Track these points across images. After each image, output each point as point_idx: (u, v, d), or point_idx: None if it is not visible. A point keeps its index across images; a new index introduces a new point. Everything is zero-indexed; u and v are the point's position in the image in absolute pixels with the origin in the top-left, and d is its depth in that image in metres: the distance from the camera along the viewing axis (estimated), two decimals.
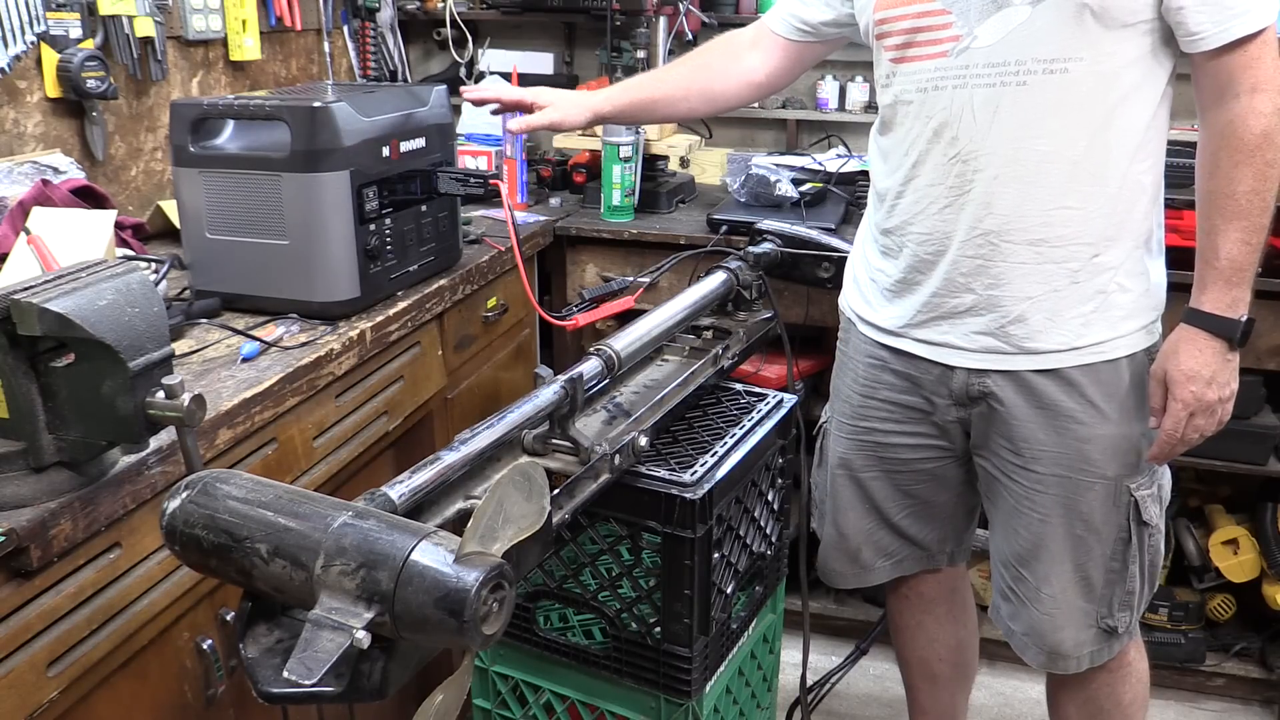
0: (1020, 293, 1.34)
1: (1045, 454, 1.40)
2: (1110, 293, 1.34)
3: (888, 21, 1.37)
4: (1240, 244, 1.27)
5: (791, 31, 1.60)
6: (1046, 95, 1.27)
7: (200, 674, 1.22)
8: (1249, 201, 1.25)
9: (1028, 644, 1.50)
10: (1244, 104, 1.24)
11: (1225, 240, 1.27)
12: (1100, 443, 1.38)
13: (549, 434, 1.16)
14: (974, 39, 1.30)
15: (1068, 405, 1.37)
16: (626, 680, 1.34)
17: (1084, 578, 1.43)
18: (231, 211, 1.46)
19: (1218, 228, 1.28)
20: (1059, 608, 1.45)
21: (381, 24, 2.76)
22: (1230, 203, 1.26)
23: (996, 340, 1.38)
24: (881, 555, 1.65)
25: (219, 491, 0.84)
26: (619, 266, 2.16)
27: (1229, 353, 1.30)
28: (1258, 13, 1.21)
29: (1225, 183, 1.26)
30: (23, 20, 1.70)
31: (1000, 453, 1.44)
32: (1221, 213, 1.27)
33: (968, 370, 1.41)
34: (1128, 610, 1.46)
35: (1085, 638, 1.46)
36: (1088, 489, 1.39)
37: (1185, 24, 1.24)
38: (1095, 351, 1.36)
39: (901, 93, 1.39)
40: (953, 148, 1.34)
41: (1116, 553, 1.42)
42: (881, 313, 1.49)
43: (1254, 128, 1.24)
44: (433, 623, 0.75)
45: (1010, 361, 1.38)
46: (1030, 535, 1.45)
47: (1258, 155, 1.24)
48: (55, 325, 0.88)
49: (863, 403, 1.56)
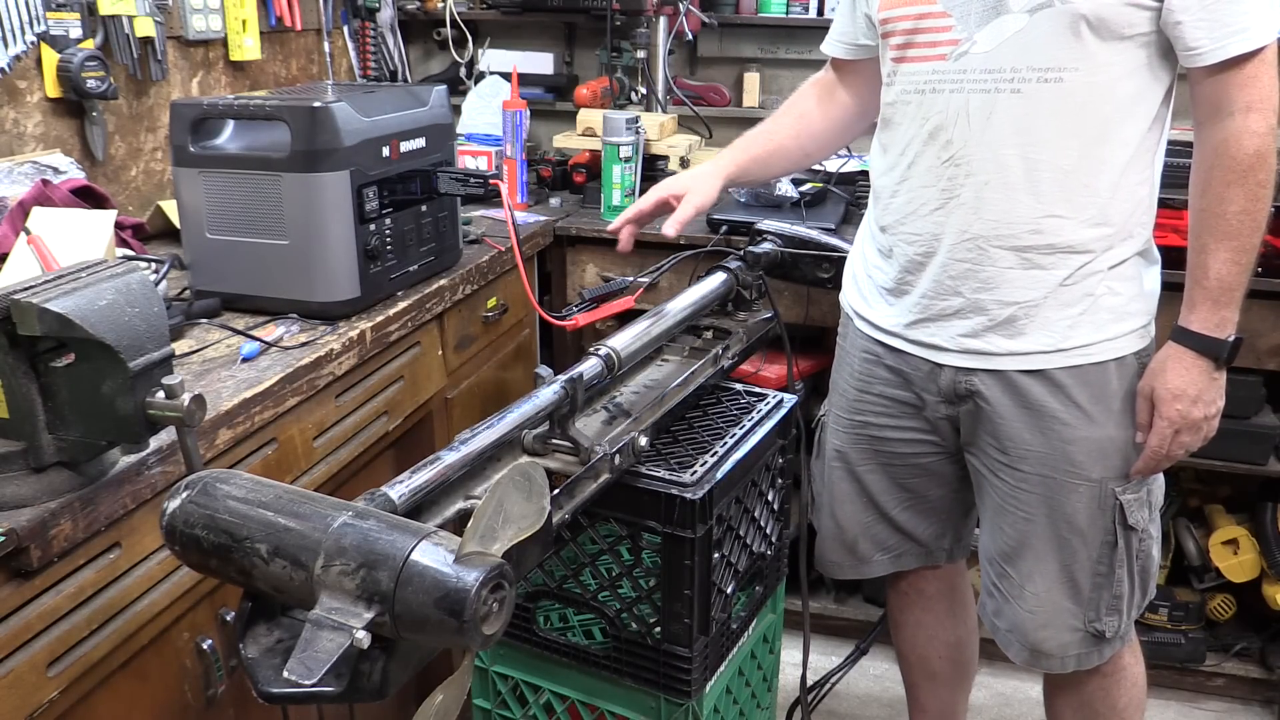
0: (1007, 297, 1.35)
1: (1030, 454, 1.40)
2: (1099, 296, 1.34)
3: (890, 20, 1.38)
4: (1229, 264, 1.27)
5: (847, 51, 1.59)
6: (1040, 104, 1.28)
7: (200, 674, 1.22)
8: (1239, 222, 1.25)
9: (1011, 640, 1.51)
10: (1238, 123, 1.23)
11: (1215, 260, 1.27)
12: (1084, 445, 1.38)
13: (549, 434, 1.16)
14: (973, 44, 1.30)
15: (1052, 406, 1.37)
16: (626, 680, 1.34)
17: (1070, 579, 1.43)
18: (231, 211, 1.46)
19: (1208, 247, 1.28)
20: (1042, 606, 1.45)
21: (381, 24, 2.76)
22: (1221, 223, 1.26)
23: (982, 341, 1.38)
24: (879, 549, 1.66)
25: (219, 491, 0.84)
26: (619, 266, 2.16)
27: (1215, 371, 1.31)
28: (1257, 31, 1.20)
29: (1216, 202, 1.26)
30: (23, 20, 1.70)
31: (988, 450, 1.45)
32: (1212, 232, 1.27)
33: (955, 369, 1.42)
34: (1116, 615, 1.45)
35: (1070, 639, 1.46)
36: (1072, 490, 1.39)
37: (1183, 38, 1.23)
38: (1082, 354, 1.36)
39: (901, 93, 1.40)
40: (946, 151, 1.34)
41: (1103, 556, 1.42)
42: (877, 310, 1.51)
43: (1247, 147, 1.23)
44: (433, 623, 0.75)
45: (996, 361, 1.38)
46: (1015, 533, 1.45)
47: (1250, 176, 1.24)
48: (55, 325, 0.88)
49: (858, 397, 1.57)
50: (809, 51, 2.83)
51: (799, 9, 2.75)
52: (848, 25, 1.56)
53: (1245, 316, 1.31)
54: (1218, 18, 1.20)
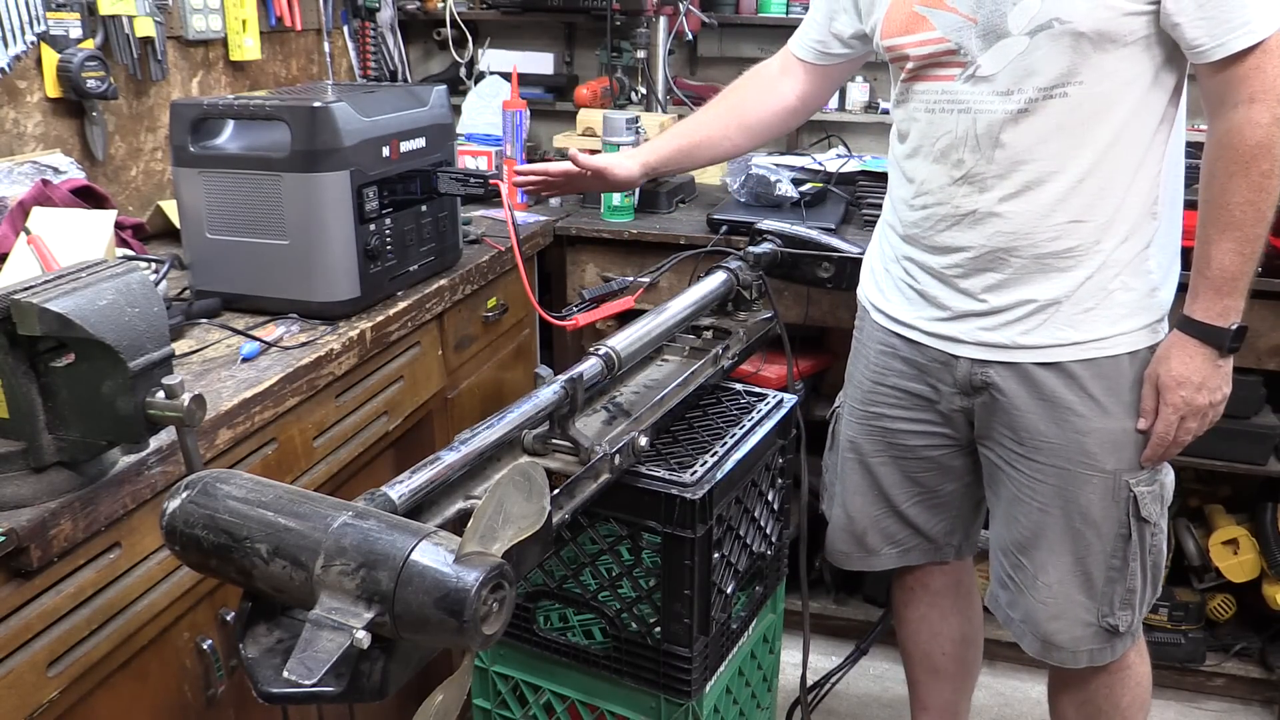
0: (1026, 295, 1.37)
1: (1046, 444, 1.41)
2: (1113, 291, 1.35)
3: (896, 48, 1.40)
4: (1233, 254, 1.27)
5: (815, 56, 1.63)
6: (1049, 120, 1.29)
7: (200, 674, 1.22)
8: (1243, 213, 1.25)
9: (1025, 632, 1.51)
10: (1241, 114, 1.23)
11: (1218, 250, 1.28)
12: (1099, 436, 1.38)
13: (549, 434, 1.16)
14: (978, 67, 1.31)
15: (1068, 398, 1.38)
16: (626, 680, 1.34)
17: (1083, 572, 1.44)
18: (231, 211, 1.46)
19: (1211, 237, 1.28)
20: (1055, 597, 1.46)
21: (381, 24, 2.76)
22: (1224, 213, 1.27)
23: (999, 335, 1.40)
24: (888, 542, 1.67)
25: (219, 491, 0.84)
26: (619, 266, 2.16)
27: (1220, 359, 1.32)
28: (1259, 24, 1.20)
29: (1220, 193, 1.27)
30: (23, 20, 1.70)
31: (1003, 441, 1.46)
32: (1215, 222, 1.28)
33: (971, 360, 1.43)
34: (1129, 609, 1.46)
35: (1083, 634, 1.47)
36: (1085, 482, 1.40)
37: (1184, 38, 1.24)
38: (1097, 347, 1.37)
39: (914, 110, 1.42)
40: (957, 170, 1.36)
41: (1117, 550, 1.43)
42: (894, 304, 1.53)
43: (1249, 138, 1.23)
44: (433, 623, 0.75)
45: (1012, 354, 1.40)
46: (1030, 524, 1.46)
47: (1253, 167, 1.24)
48: (55, 325, 0.88)
49: (873, 389, 1.59)
50: None
51: (799, 9, 2.76)
52: (821, 33, 1.60)
53: (1245, 316, 1.31)
54: (1215, 15, 1.20)
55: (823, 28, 1.60)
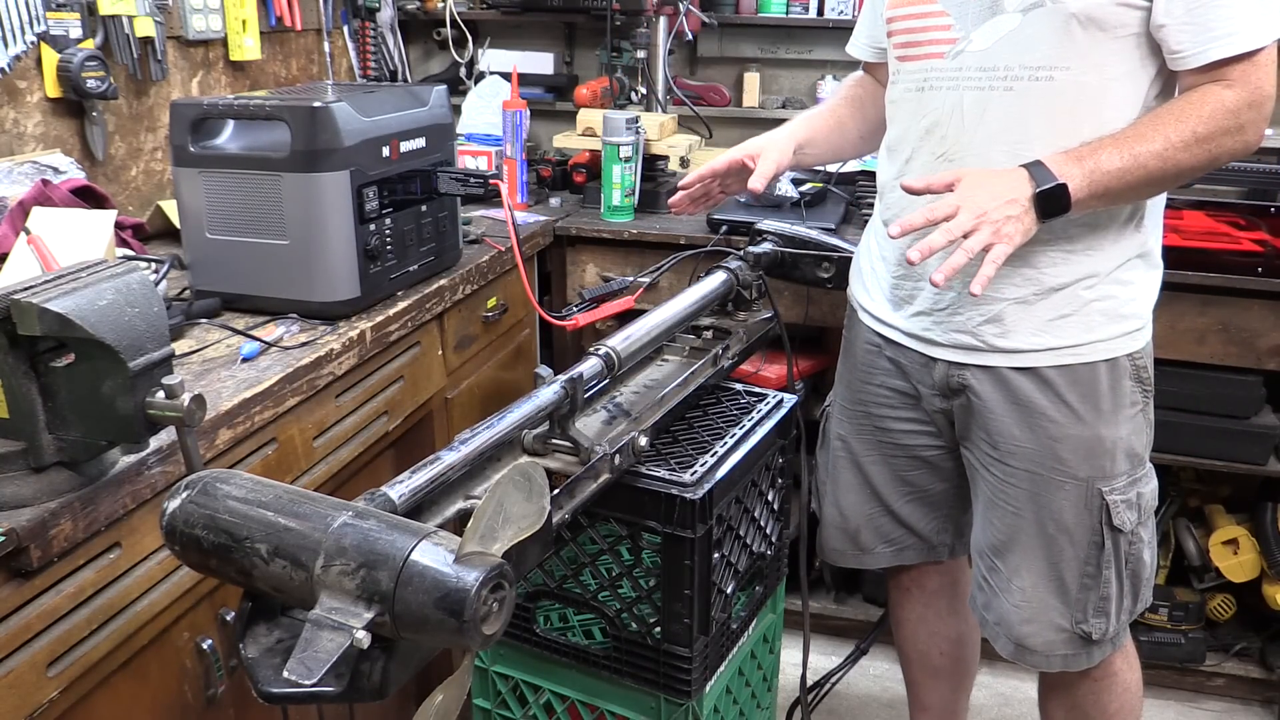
0: (998, 294, 1.35)
1: (1019, 449, 1.41)
2: (1090, 299, 1.34)
3: (895, 20, 1.41)
4: (1120, 159, 1.20)
5: (873, 54, 1.61)
6: (1032, 102, 1.28)
7: (200, 674, 1.22)
8: (1163, 144, 1.20)
9: (998, 634, 1.51)
10: (1216, 88, 1.22)
11: (1115, 147, 1.21)
12: (1071, 443, 1.38)
13: (549, 434, 1.16)
14: (969, 42, 1.32)
15: (1041, 403, 1.38)
16: (626, 680, 1.34)
17: (1057, 577, 1.44)
18: (231, 211, 1.46)
19: (1119, 137, 1.22)
20: (1028, 601, 1.46)
21: (381, 24, 2.76)
22: (1149, 130, 1.21)
23: (973, 338, 1.39)
24: (882, 540, 1.67)
25: (219, 491, 0.84)
26: (619, 266, 2.16)
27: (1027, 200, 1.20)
28: (1245, 35, 1.19)
29: (1155, 120, 1.22)
30: (23, 20, 1.70)
31: (980, 444, 1.46)
32: (1133, 134, 1.22)
33: (948, 363, 1.43)
34: (1103, 617, 1.44)
35: (1056, 638, 1.46)
36: (1058, 488, 1.40)
37: (1167, 42, 1.23)
38: (1073, 353, 1.36)
39: (902, 91, 1.43)
40: (940, 146, 1.36)
41: (1090, 557, 1.42)
42: (878, 303, 1.53)
43: (1211, 99, 1.20)
44: (433, 623, 0.75)
45: (987, 357, 1.39)
46: (1004, 527, 1.46)
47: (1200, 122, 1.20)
48: (55, 325, 0.88)
49: (861, 387, 1.59)
50: (809, 51, 2.83)
51: (799, 9, 2.75)
52: (872, 27, 1.59)
53: (1245, 316, 1.30)
54: (1201, 22, 1.20)
55: (871, 21, 1.58)
